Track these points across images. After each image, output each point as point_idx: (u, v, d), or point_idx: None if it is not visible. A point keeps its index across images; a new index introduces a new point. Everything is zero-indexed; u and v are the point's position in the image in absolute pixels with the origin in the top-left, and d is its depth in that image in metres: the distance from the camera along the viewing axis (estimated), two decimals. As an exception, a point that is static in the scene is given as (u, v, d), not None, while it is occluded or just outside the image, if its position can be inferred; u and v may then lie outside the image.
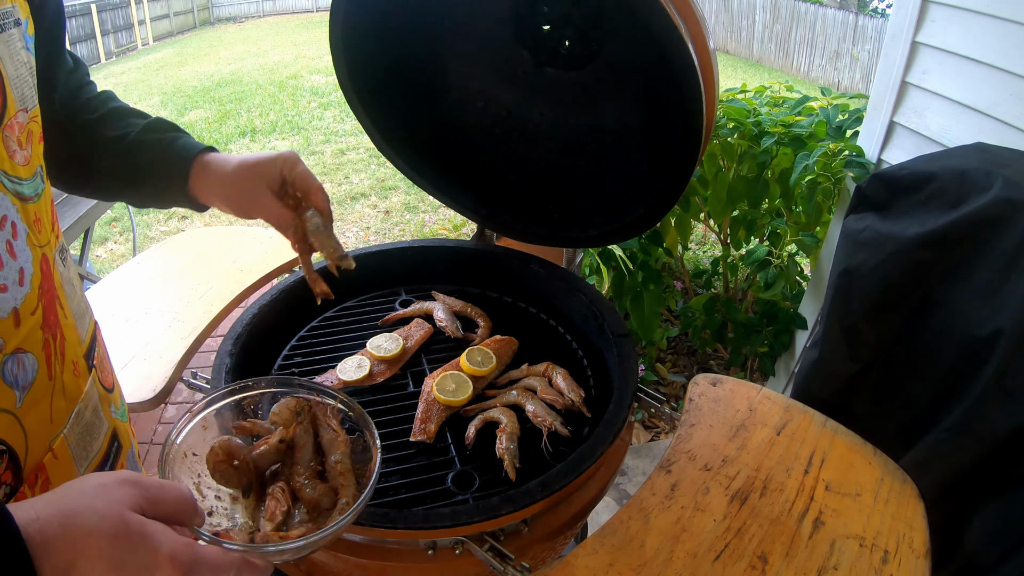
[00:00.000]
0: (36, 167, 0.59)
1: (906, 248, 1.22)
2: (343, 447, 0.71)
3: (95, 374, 0.69)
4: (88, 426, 0.65)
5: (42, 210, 0.60)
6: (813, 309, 2.07)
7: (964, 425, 1.09)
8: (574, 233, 1.22)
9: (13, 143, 0.55)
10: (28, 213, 0.56)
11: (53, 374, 0.59)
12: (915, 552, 0.81)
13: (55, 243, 0.63)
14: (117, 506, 0.44)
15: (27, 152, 0.57)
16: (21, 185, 0.56)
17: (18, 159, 0.56)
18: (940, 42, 1.60)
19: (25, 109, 0.58)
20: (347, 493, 0.68)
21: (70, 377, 0.62)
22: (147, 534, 0.44)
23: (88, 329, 0.70)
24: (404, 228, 4.22)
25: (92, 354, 0.69)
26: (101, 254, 3.85)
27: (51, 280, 0.60)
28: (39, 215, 0.59)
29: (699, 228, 3.56)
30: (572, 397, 1.03)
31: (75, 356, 0.64)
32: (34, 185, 0.58)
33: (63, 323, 0.61)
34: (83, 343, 0.67)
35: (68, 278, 0.65)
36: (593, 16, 1.11)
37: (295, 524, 0.65)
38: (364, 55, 1.11)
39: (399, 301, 1.30)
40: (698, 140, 0.90)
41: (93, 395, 0.67)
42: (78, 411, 0.63)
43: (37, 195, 0.59)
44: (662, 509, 0.84)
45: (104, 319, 1.34)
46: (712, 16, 11.33)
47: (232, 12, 14.26)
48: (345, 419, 0.74)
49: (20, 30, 0.57)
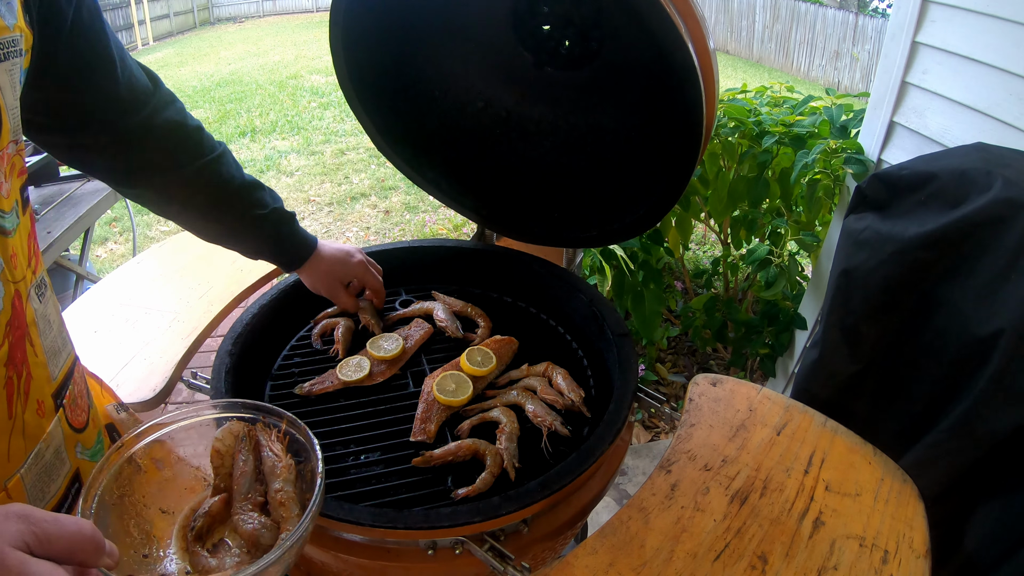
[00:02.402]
0: (14, 201, 0.58)
1: (906, 248, 1.22)
2: (285, 473, 0.66)
3: (63, 414, 0.66)
4: (48, 466, 0.63)
5: (18, 245, 0.58)
6: (813, 309, 2.07)
7: (964, 425, 1.09)
8: (574, 233, 1.22)
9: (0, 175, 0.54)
10: (6, 248, 0.55)
11: (14, 413, 0.57)
12: (915, 552, 0.81)
13: (31, 279, 0.61)
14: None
15: (8, 185, 0.56)
16: (3, 219, 0.55)
17: (2, 191, 0.55)
18: (940, 42, 1.60)
19: (15, 141, 0.57)
20: (290, 525, 0.63)
21: (32, 416, 0.60)
22: (26, 573, 0.39)
23: (63, 367, 0.67)
24: (404, 228, 4.22)
25: (63, 393, 0.67)
26: (101, 254, 3.85)
27: (22, 317, 0.58)
28: (15, 250, 0.57)
29: (699, 228, 3.56)
30: (572, 397, 1.03)
31: (41, 395, 0.62)
32: (12, 219, 0.57)
33: (31, 360, 0.60)
34: (53, 381, 0.65)
35: (44, 314, 0.63)
36: (593, 16, 1.11)
37: (231, 563, 0.61)
38: (364, 55, 1.11)
39: (399, 301, 1.30)
40: (698, 140, 0.90)
41: (57, 435, 0.65)
42: (38, 451, 0.61)
43: (14, 229, 0.57)
44: (662, 509, 0.84)
45: (104, 319, 1.34)
46: (712, 16, 11.33)
47: (232, 12, 14.26)
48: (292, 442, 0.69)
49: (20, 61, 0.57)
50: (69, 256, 2.62)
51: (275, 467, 0.66)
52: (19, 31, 0.56)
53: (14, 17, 0.55)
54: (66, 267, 2.43)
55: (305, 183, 4.92)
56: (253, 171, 5.08)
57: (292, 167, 5.23)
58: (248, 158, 5.40)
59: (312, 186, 4.86)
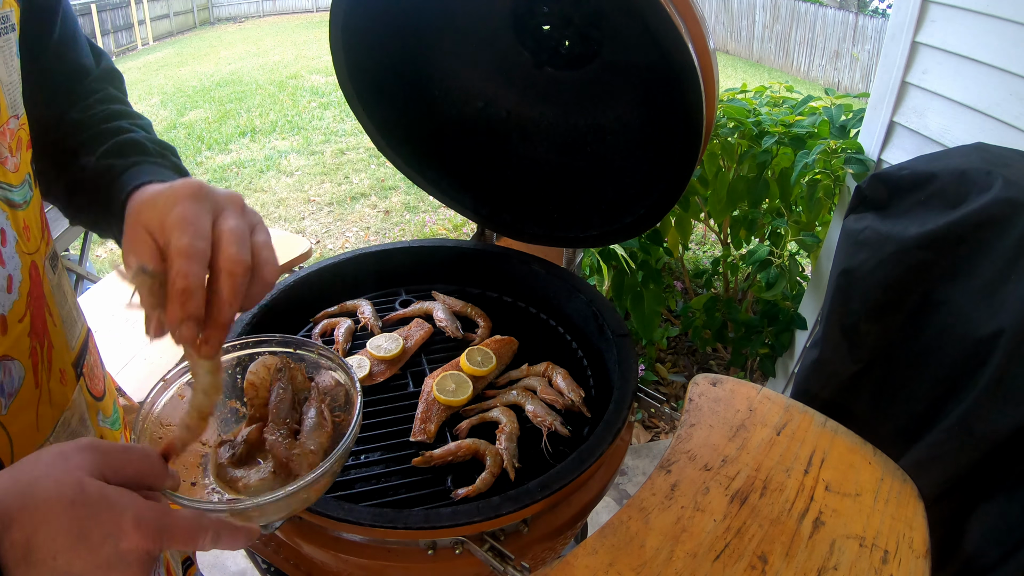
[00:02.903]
0: (25, 174, 0.58)
1: (906, 248, 1.22)
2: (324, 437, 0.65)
3: (83, 382, 0.67)
4: (74, 434, 0.64)
5: (31, 217, 0.59)
6: (813, 309, 2.07)
7: (964, 425, 1.09)
8: (574, 233, 1.22)
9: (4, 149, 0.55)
10: (17, 220, 0.56)
11: (40, 381, 0.58)
12: (915, 552, 0.81)
13: (45, 250, 0.62)
14: (75, 472, 0.41)
15: (16, 159, 0.57)
16: (11, 192, 0.55)
17: (9, 166, 0.55)
18: (940, 42, 1.60)
19: (16, 116, 0.57)
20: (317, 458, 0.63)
21: (57, 385, 0.61)
22: (108, 499, 0.42)
23: (79, 337, 0.68)
24: (404, 228, 4.22)
25: (81, 362, 0.68)
26: (101, 254, 3.85)
27: (40, 287, 0.59)
28: (28, 222, 0.58)
29: (699, 228, 3.56)
30: (572, 397, 1.03)
31: (63, 364, 0.63)
32: (23, 192, 0.57)
33: (51, 330, 0.61)
34: (72, 351, 0.66)
35: (58, 285, 0.64)
36: (593, 16, 1.11)
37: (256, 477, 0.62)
38: (364, 55, 1.11)
39: (399, 301, 1.30)
40: (698, 140, 0.90)
41: (80, 403, 0.66)
42: (64, 419, 0.62)
43: (26, 202, 0.58)
44: (662, 509, 0.84)
45: (104, 319, 1.34)
46: (712, 16, 11.33)
47: (232, 12, 14.25)
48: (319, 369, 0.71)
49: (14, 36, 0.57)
50: (69, 256, 2.62)
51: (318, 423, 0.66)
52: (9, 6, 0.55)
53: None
54: (66, 267, 2.43)
55: (305, 183, 4.92)
56: (253, 171, 5.10)
57: (292, 167, 5.23)
58: (248, 158, 5.40)
59: (312, 186, 4.86)
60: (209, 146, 5.65)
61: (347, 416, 0.66)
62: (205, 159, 5.39)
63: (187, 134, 5.91)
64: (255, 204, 4.54)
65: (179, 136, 5.86)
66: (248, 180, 4.95)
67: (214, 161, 5.34)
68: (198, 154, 5.47)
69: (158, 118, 6.47)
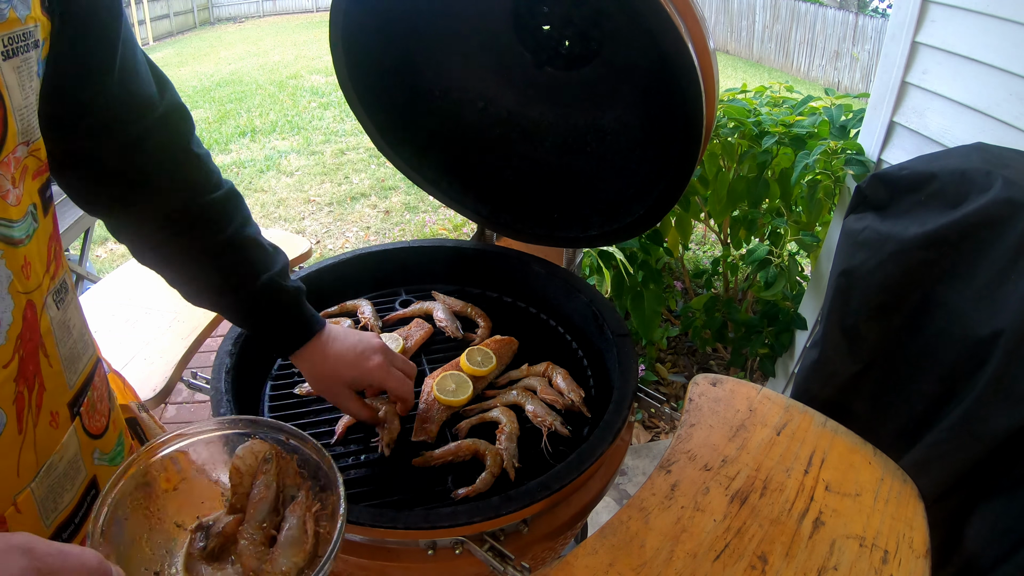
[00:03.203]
0: (28, 205, 0.53)
1: (906, 248, 1.22)
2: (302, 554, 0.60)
3: (79, 422, 0.63)
4: (60, 478, 0.60)
5: (34, 252, 0.54)
6: (813, 309, 2.07)
7: (964, 425, 1.09)
8: (574, 233, 1.22)
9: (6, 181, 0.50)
10: (16, 258, 0.51)
11: (24, 427, 0.54)
12: (915, 552, 0.81)
13: (50, 285, 0.57)
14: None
15: (19, 191, 0.52)
16: (11, 228, 0.51)
17: (10, 199, 0.50)
18: (940, 42, 1.60)
19: (27, 142, 0.52)
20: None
21: (45, 429, 0.57)
22: None
23: (82, 372, 0.64)
24: (404, 228, 4.22)
25: (80, 400, 0.63)
26: (101, 254, 3.86)
27: (35, 328, 0.54)
28: (29, 258, 0.53)
29: (699, 228, 3.56)
30: (572, 397, 1.03)
31: (56, 406, 0.59)
32: (25, 226, 0.53)
33: (45, 372, 0.56)
34: (71, 390, 0.61)
35: (62, 321, 0.60)
36: (593, 16, 1.11)
37: None
38: (364, 55, 1.11)
39: (399, 301, 1.30)
40: (698, 140, 0.90)
41: (72, 445, 0.61)
42: (50, 463, 0.58)
43: (29, 236, 0.53)
44: (662, 509, 0.84)
45: (104, 319, 1.34)
46: (712, 16, 11.33)
47: (232, 12, 14.26)
48: (314, 468, 0.66)
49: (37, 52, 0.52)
50: (69, 256, 2.62)
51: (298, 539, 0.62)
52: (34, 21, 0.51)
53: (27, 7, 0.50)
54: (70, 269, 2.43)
55: (305, 183, 4.92)
56: (253, 171, 5.10)
57: (292, 167, 5.23)
58: (248, 158, 5.40)
59: (312, 186, 4.86)
60: (209, 146, 5.65)
61: (330, 527, 0.60)
62: (205, 159, 5.38)
63: (187, 134, 5.90)
64: (255, 204, 4.54)
65: (179, 136, 5.85)
66: (248, 180, 4.95)
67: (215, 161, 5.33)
68: (198, 154, 5.47)
69: (158, 118, 6.47)
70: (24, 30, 0.50)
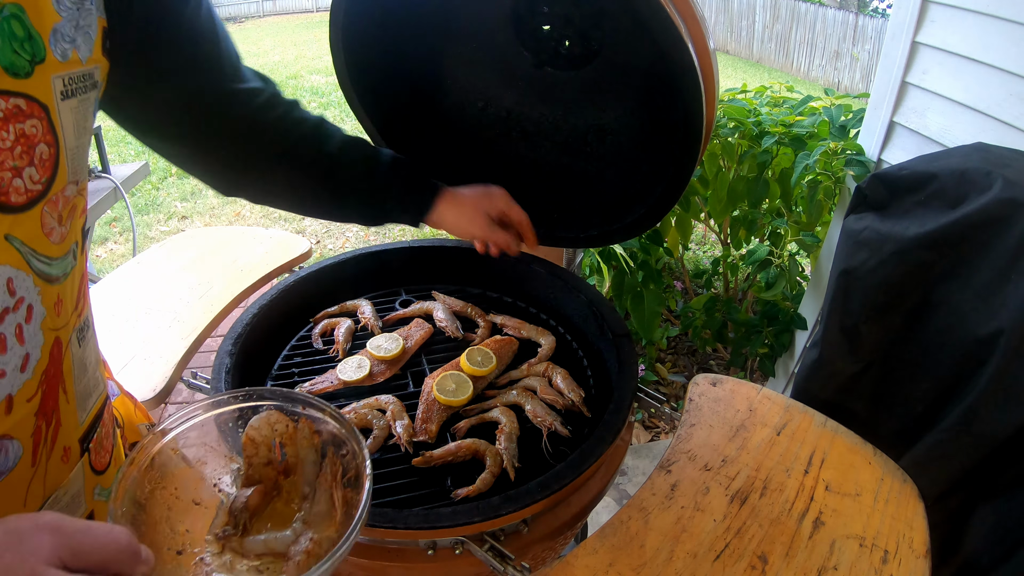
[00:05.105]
0: (71, 244, 0.54)
1: (906, 248, 1.22)
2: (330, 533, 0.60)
3: (87, 457, 0.63)
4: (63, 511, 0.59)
5: (67, 290, 0.54)
6: (813, 309, 2.07)
7: (964, 425, 1.09)
8: (574, 233, 1.22)
9: (52, 219, 0.50)
10: (50, 295, 0.52)
11: (38, 461, 0.54)
12: (915, 552, 0.81)
13: (76, 322, 0.58)
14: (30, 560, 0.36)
15: (64, 228, 0.52)
16: (50, 266, 0.51)
17: (54, 238, 0.51)
18: (940, 42, 1.60)
19: (76, 181, 0.52)
20: None
21: (56, 463, 0.57)
22: None
23: (92, 409, 0.64)
24: (404, 228, 4.22)
25: (91, 437, 0.64)
26: (101, 254, 3.85)
27: (59, 365, 0.55)
28: (63, 296, 0.53)
29: (699, 228, 3.56)
30: (572, 397, 1.03)
31: (69, 441, 0.59)
32: (64, 265, 0.53)
33: (62, 408, 0.56)
34: (81, 426, 0.61)
35: (81, 359, 0.60)
36: (593, 16, 1.11)
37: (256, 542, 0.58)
38: (364, 55, 1.11)
39: (399, 301, 1.30)
40: (698, 140, 0.91)
41: (77, 481, 0.61)
42: (55, 497, 0.58)
43: (65, 275, 0.53)
44: (662, 509, 0.84)
45: (104, 319, 1.34)
46: (712, 16, 11.32)
47: (232, 12, 14.25)
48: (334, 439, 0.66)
49: (95, 93, 0.53)
50: (69, 256, 2.61)
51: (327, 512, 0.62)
52: (95, 63, 0.52)
53: (90, 49, 0.51)
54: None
55: (305, 183, 4.91)
56: (253, 171, 5.10)
57: (292, 167, 5.22)
58: (248, 158, 5.39)
59: (312, 186, 4.86)
60: (209, 146, 5.64)
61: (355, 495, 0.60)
62: (205, 159, 5.38)
63: (187, 134, 5.89)
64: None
65: (179, 136, 5.84)
66: (248, 180, 4.94)
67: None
68: (198, 154, 5.46)
69: (158, 118, 6.46)
70: (84, 71, 0.50)
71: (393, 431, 0.96)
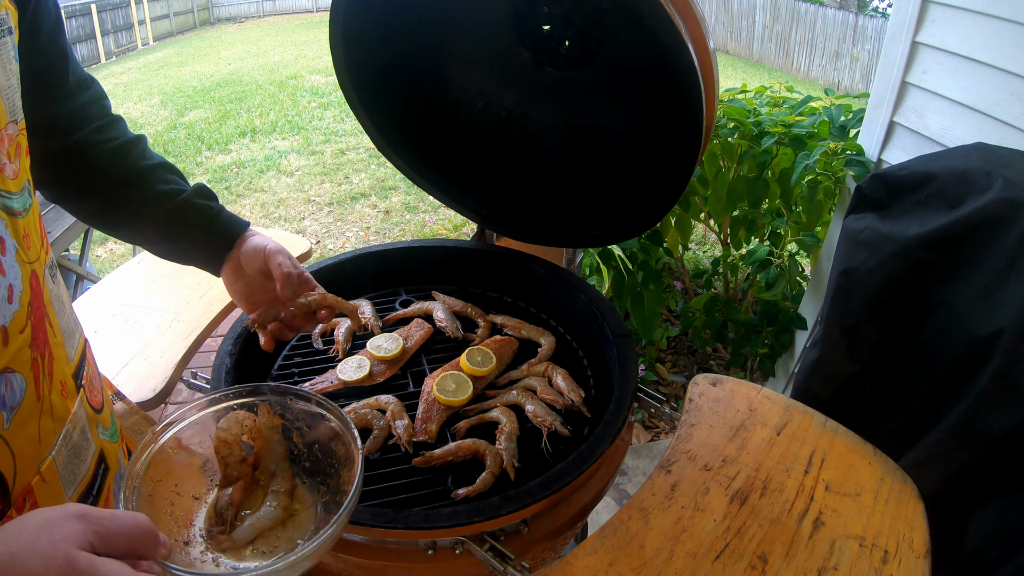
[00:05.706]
0: (24, 181, 0.57)
1: (906, 248, 1.22)
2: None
3: (83, 394, 0.66)
4: (76, 448, 0.63)
5: (31, 225, 0.57)
6: (813, 309, 2.07)
7: (964, 425, 1.09)
8: (574, 233, 1.22)
9: (3, 156, 0.53)
10: (17, 228, 0.54)
11: (41, 394, 0.56)
12: (915, 552, 0.81)
13: (45, 259, 0.60)
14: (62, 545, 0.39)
15: (16, 165, 0.55)
16: (11, 200, 0.54)
17: (7, 172, 0.54)
18: (940, 42, 1.60)
19: (15, 120, 0.56)
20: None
21: (58, 397, 0.60)
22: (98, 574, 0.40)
23: (77, 347, 0.67)
24: (404, 228, 4.22)
25: (81, 373, 0.67)
26: (101, 254, 3.86)
27: (40, 297, 0.57)
28: (28, 230, 0.56)
29: (699, 228, 3.56)
30: (572, 397, 1.03)
31: (63, 376, 0.61)
32: (23, 199, 0.56)
33: (52, 341, 0.59)
34: (71, 362, 0.64)
35: (57, 295, 0.63)
36: (593, 16, 1.11)
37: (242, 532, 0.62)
38: (364, 55, 1.11)
39: (399, 301, 1.30)
40: (698, 140, 0.90)
41: (81, 416, 0.64)
42: (66, 432, 0.61)
43: (26, 210, 0.56)
44: (662, 509, 0.84)
45: (104, 319, 1.34)
46: (712, 16, 11.33)
47: (232, 12, 14.25)
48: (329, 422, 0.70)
49: (12, 39, 0.56)
50: (69, 256, 2.62)
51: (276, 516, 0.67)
52: (5, 9, 0.54)
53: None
54: (66, 267, 2.43)
55: (305, 183, 4.92)
56: (253, 171, 5.10)
57: (292, 167, 5.23)
58: (248, 158, 5.40)
59: (312, 186, 4.86)
60: (209, 146, 5.65)
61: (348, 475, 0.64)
62: (205, 159, 5.39)
63: (187, 134, 5.91)
64: (255, 204, 4.54)
65: (179, 136, 5.86)
66: (248, 180, 4.95)
67: (214, 161, 5.34)
68: (198, 154, 5.47)
69: (158, 118, 6.48)
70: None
71: (393, 431, 0.96)
